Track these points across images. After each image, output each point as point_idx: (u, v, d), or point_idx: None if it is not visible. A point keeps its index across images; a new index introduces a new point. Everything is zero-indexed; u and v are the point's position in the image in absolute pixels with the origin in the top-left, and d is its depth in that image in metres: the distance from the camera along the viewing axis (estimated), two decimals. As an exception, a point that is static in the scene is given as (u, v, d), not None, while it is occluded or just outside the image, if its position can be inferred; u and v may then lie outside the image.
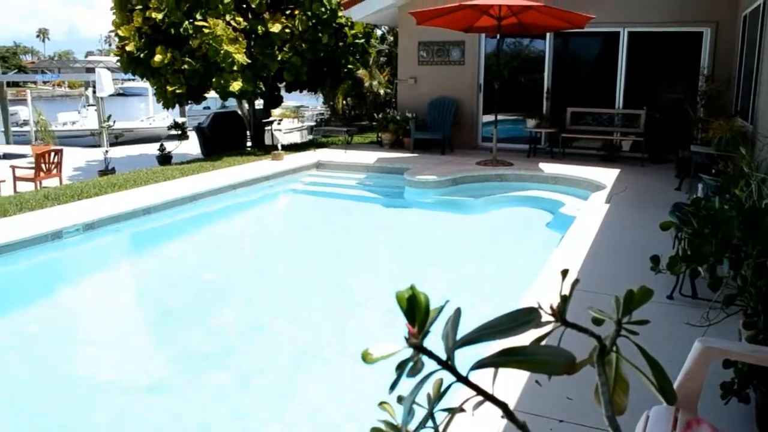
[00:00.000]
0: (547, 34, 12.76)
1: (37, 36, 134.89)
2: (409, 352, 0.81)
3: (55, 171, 12.71)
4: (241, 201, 10.21)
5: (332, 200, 10.66)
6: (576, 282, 0.95)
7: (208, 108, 24.88)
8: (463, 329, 0.84)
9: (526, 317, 0.79)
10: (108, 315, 6.25)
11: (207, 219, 9.50)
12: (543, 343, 0.89)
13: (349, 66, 15.91)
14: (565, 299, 0.91)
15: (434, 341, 0.83)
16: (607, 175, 9.98)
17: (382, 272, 7.36)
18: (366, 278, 7.11)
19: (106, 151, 14.89)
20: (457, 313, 0.85)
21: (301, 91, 17.21)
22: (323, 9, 13.94)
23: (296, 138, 20.32)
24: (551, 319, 0.89)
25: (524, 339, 0.82)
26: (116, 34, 14.27)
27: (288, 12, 14.16)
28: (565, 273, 0.98)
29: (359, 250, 8.26)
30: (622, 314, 0.97)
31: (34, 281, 7.11)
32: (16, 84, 57.81)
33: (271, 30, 13.46)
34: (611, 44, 12.46)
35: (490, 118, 12.79)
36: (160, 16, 12.94)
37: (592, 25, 10.86)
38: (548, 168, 10.72)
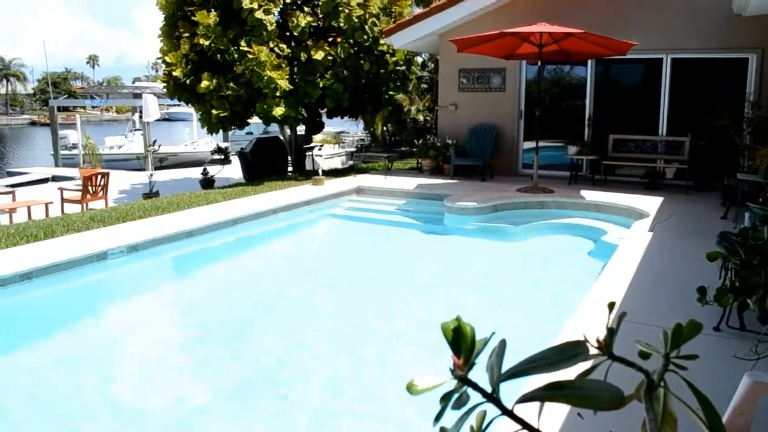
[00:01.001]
0: (589, 61, 12.70)
1: (87, 62, 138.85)
2: (453, 383, 0.80)
3: (101, 194, 13.00)
4: (281, 225, 10.30)
5: (372, 226, 10.68)
6: (623, 315, 0.93)
7: (251, 133, 25.31)
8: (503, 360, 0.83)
9: (573, 351, 0.79)
10: (149, 336, 6.33)
11: (248, 243, 9.60)
12: (589, 376, 0.88)
13: (390, 92, 16.04)
14: (612, 332, 0.90)
15: (478, 373, 0.83)
16: (651, 203, 9.82)
17: (422, 299, 7.32)
18: (405, 304, 7.08)
19: (151, 175, 15.21)
20: (502, 345, 0.84)
21: (342, 117, 17.39)
22: (365, 37, 14.11)
23: (337, 163, 20.50)
24: (597, 352, 0.88)
25: (568, 372, 0.81)
26: (163, 61, 14.64)
27: (330, 39, 14.37)
28: (611, 306, 0.97)
29: (398, 276, 8.25)
30: (671, 348, 0.95)
31: (79, 301, 7.25)
32: (66, 108, 59.58)
33: (314, 57, 13.67)
34: (654, 70, 12.34)
35: (530, 144, 12.73)
36: (206, 42, 13.23)
37: (634, 51, 10.80)
38: (590, 195, 10.61)
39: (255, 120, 15.77)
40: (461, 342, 0.77)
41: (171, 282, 8.55)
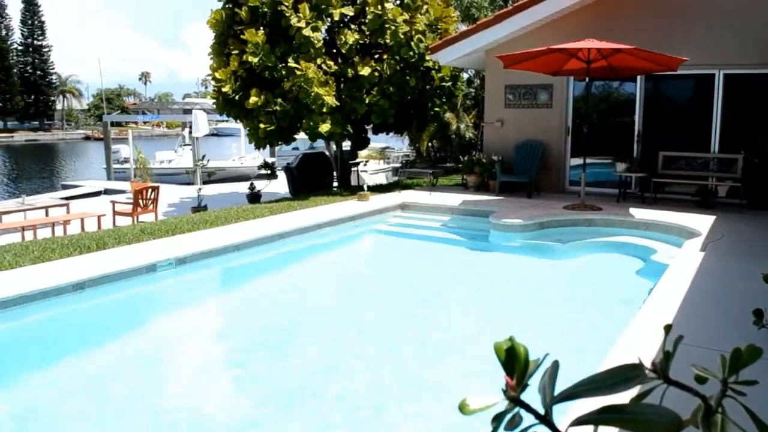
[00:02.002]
0: (638, 77, 12.52)
1: (140, 79, 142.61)
2: (505, 404, 0.79)
3: (151, 207, 13.27)
4: (326, 240, 10.37)
5: (416, 242, 10.67)
6: (680, 339, 0.91)
7: (297, 149, 25.58)
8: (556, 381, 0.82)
9: (629, 374, 0.77)
10: (195, 347, 6.42)
11: (294, 257, 9.68)
12: (642, 401, 0.86)
13: (436, 109, 16.06)
14: (668, 356, 0.88)
15: (530, 394, 0.82)
16: (702, 222, 9.60)
17: (467, 316, 7.27)
18: (450, 321, 7.05)
19: (199, 189, 15.47)
20: (555, 366, 0.83)
21: (387, 133, 17.47)
22: (411, 53, 14.18)
23: (381, 179, 20.56)
24: (653, 375, 0.86)
25: (619, 395, 0.80)
26: (213, 78, 14.92)
27: (377, 56, 14.48)
28: (668, 328, 0.95)
29: (443, 293, 8.21)
30: (729, 373, 0.92)
31: (129, 312, 7.41)
32: (119, 124, 61.15)
33: (361, 74, 13.78)
34: (706, 86, 12.10)
35: (578, 161, 12.59)
36: (255, 60, 13.46)
37: (685, 67, 10.61)
38: (639, 213, 10.41)
39: (301, 135, 15.94)
40: (514, 362, 0.77)
41: (218, 294, 8.67)
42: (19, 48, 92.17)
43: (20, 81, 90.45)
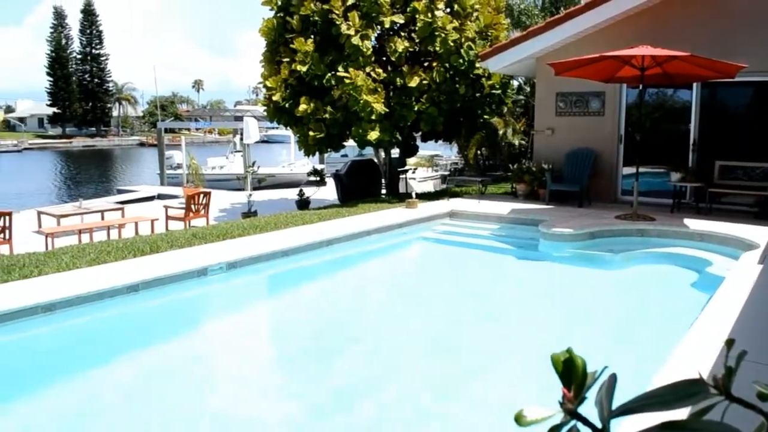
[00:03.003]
0: (694, 84, 12.24)
1: (193, 86, 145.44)
2: (561, 416, 0.78)
3: (203, 212, 13.52)
4: (374, 247, 10.39)
5: (464, 250, 10.61)
6: (743, 354, 0.89)
7: (346, 156, 25.77)
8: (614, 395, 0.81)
9: (690, 390, 0.75)
10: (243, 351, 6.50)
11: (342, 263, 9.72)
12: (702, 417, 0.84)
13: (485, 116, 15.98)
14: (730, 372, 0.85)
15: (587, 408, 0.81)
16: (761, 234, 9.30)
17: (514, 326, 7.20)
18: (498, 330, 6.98)
19: (250, 195, 15.69)
20: (613, 379, 0.81)
21: (436, 141, 17.45)
22: (461, 61, 14.15)
23: (430, 187, 20.52)
24: (715, 392, 0.84)
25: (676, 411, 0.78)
26: (264, 85, 15.15)
27: (426, 64, 14.49)
28: (730, 343, 0.92)
29: (490, 302, 8.15)
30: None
31: (180, 314, 7.55)
32: (172, 130, 62.51)
33: (410, 83, 13.80)
34: (765, 94, 11.76)
35: (630, 170, 12.35)
36: (304, 68, 13.61)
37: (743, 74, 10.33)
38: (694, 224, 10.16)
39: (350, 143, 16.06)
40: (572, 374, 0.75)
41: (266, 299, 8.77)
42: (78, 57, 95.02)
43: (79, 89, 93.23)
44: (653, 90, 13.17)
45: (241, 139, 23.34)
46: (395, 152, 16.92)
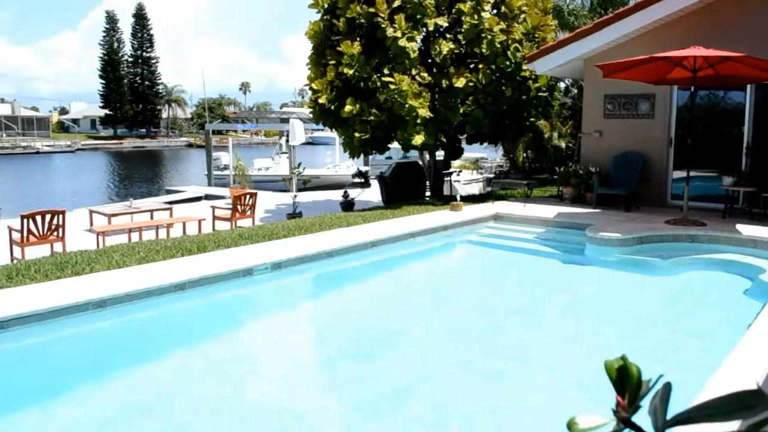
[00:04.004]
0: (748, 86, 11.92)
1: (240, 89, 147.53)
2: (614, 424, 0.77)
3: (249, 212, 13.67)
4: (418, 250, 10.37)
5: (509, 253, 10.52)
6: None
7: (390, 158, 25.79)
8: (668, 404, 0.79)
9: (750, 401, 0.73)
10: (286, 350, 6.55)
11: (385, 265, 9.73)
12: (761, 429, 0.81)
13: (531, 119, 15.82)
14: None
15: (640, 417, 0.79)
16: (818, 241, 9.02)
17: (560, 331, 7.10)
18: (543, 336, 6.90)
19: (295, 196, 15.82)
20: (668, 388, 0.80)
21: (481, 143, 17.34)
22: (507, 63, 14.03)
23: (475, 189, 20.41)
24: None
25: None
26: (310, 88, 15.25)
27: (472, 66, 14.41)
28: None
29: (536, 306, 8.06)
30: None
31: (225, 313, 7.65)
32: (219, 132, 63.46)
33: (455, 84, 13.75)
34: (824, 97, 11.40)
35: (681, 174, 12.08)
36: (350, 71, 13.66)
37: (801, 76, 10.02)
38: (747, 230, 9.88)
39: (395, 145, 16.08)
40: (626, 382, 0.74)
41: (310, 300, 8.83)
42: (129, 60, 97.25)
43: (130, 91, 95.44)
44: (704, 92, 12.87)
45: (287, 140, 23.59)
46: (440, 154, 16.86)
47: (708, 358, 5.40)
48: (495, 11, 14.62)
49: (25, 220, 10.26)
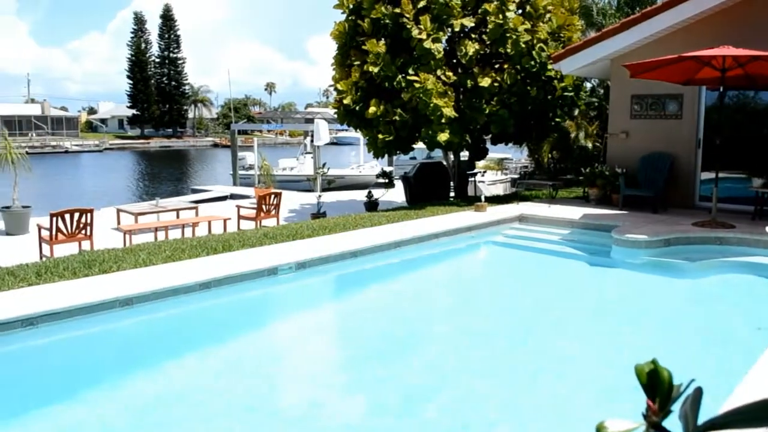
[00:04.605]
0: (779, 86, 11.73)
1: (265, 89, 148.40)
2: (644, 428, 0.76)
3: (273, 212, 13.74)
4: (442, 250, 10.35)
5: (534, 254, 10.45)
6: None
7: (414, 158, 25.77)
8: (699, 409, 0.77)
9: (784, 407, 0.71)
10: (309, 350, 6.58)
11: (409, 266, 9.72)
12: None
13: (557, 119, 15.71)
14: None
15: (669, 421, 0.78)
16: None
17: (585, 334, 7.04)
18: (566, 338, 6.85)
19: (319, 196, 15.87)
20: (699, 392, 0.78)
21: (506, 144, 17.25)
22: (533, 62, 13.95)
23: (499, 190, 20.34)
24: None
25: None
26: (335, 88, 15.29)
27: (497, 66, 14.35)
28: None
29: (560, 309, 7.99)
30: None
31: (249, 312, 7.71)
32: (245, 132, 63.91)
33: (480, 84, 13.69)
34: None
35: (709, 175, 11.93)
36: (375, 70, 13.66)
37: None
38: (777, 232, 9.72)
39: (419, 145, 16.06)
40: (657, 386, 0.73)
41: (334, 300, 8.85)
42: (156, 60, 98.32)
43: (157, 91, 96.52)
44: (734, 92, 12.69)
45: (312, 140, 23.67)
46: (464, 155, 16.81)
47: (736, 363, 5.33)
48: (520, 11, 14.54)
49: (55, 219, 10.41)
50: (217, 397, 5.26)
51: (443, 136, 13.53)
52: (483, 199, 13.32)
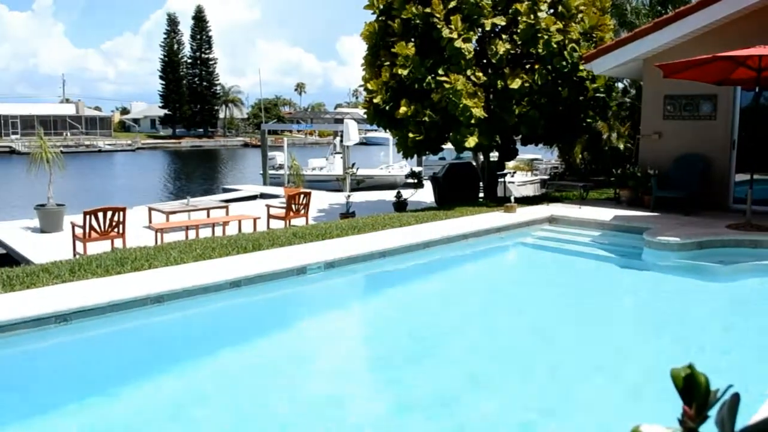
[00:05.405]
0: (818, 87, 11.47)
1: (295, 89, 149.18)
2: (679, 435, 0.75)
3: (303, 212, 13.80)
4: (471, 251, 10.31)
5: (564, 256, 10.36)
6: None
7: (444, 158, 25.71)
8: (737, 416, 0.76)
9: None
10: (337, 349, 6.59)
11: (438, 266, 9.70)
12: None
13: (588, 120, 15.56)
14: None
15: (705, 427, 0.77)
16: None
17: (614, 337, 6.96)
18: (597, 342, 6.77)
19: (348, 196, 15.89)
20: (736, 399, 0.77)
21: (536, 144, 17.13)
22: (564, 63, 13.83)
23: (529, 191, 20.19)
24: None
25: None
26: (365, 88, 15.32)
27: (528, 66, 14.25)
28: None
29: (590, 311, 7.90)
30: None
31: (278, 311, 7.76)
32: (275, 132, 64.30)
33: (511, 85, 13.61)
34: None
35: (743, 177, 11.72)
36: (405, 72, 13.67)
37: None
38: (814, 236, 9.51)
39: (448, 146, 16.02)
40: (694, 391, 0.72)
41: (362, 299, 8.86)
42: (188, 61, 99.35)
43: (188, 91, 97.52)
44: (770, 93, 12.45)
45: (341, 141, 23.75)
46: (494, 155, 16.72)
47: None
48: (552, 11, 14.42)
49: (88, 217, 10.58)
50: (246, 394, 5.30)
51: (472, 141, 13.48)
52: (512, 200, 13.23)
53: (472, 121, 13.37)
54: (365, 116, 16.17)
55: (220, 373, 5.80)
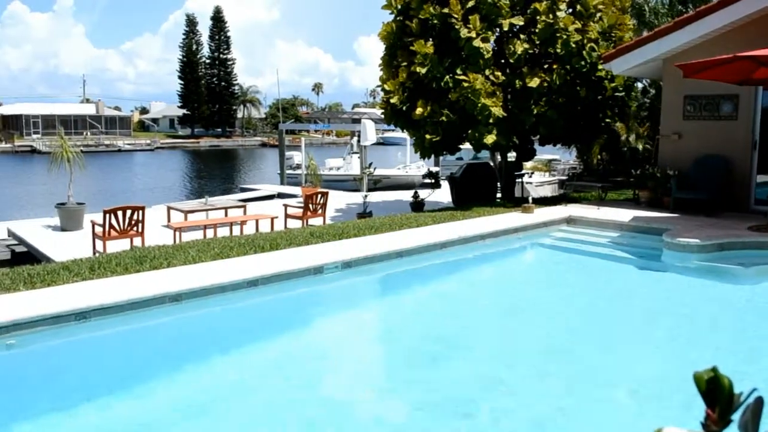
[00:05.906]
0: (842, 87, 11.33)
1: (313, 89, 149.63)
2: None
3: (320, 211, 13.82)
4: (489, 252, 10.27)
5: (582, 257, 10.29)
6: None
7: (461, 159, 25.66)
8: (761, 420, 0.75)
9: None
10: (352, 348, 6.60)
11: (455, 267, 9.68)
12: None
13: (607, 120, 15.45)
14: None
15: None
16: None
17: (634, 339, 6.90)
18: (615, 344, 6.73)
19: (365, 196, 15.89)
20: (760, 403, 0.76)
21: (554, 145, 17.04)
22: (583, 63, 13.75)
23: (547, 192, 20.11)
24: None
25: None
26: (382, 88, 15.31)
27: (546, 66, 14.18)
28: None
29: (608, 313, 7.85)
30: None
31: (295, 310, 7.78)
32: (292, 132, 64.53)
33: (529, 85, 13.55)
34: None
35: (765, 178, 11.59)
36: (423, 70, 13.64)
37: None
38: (837, 238, 9.38)
39: (466, 146, 15.97)
40: (717, 394, 0.71)
41: (378, 299, 8.86)
42: (207, 61, 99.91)
43: (207, 91, 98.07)
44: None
45: (359, 141, 23.76)
46: (511, 156, 16.65)
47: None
48: (570, 10, 14.34)
49: (108, 215, 10.67)
50: (263, 393, 5.32)
51: (490, 138, 13.43)
52: (530, 200, 13.16)
53: (491, 121, 13.32)
54: (382, 116, 16.16)
55: (237, 371, 5.82)
